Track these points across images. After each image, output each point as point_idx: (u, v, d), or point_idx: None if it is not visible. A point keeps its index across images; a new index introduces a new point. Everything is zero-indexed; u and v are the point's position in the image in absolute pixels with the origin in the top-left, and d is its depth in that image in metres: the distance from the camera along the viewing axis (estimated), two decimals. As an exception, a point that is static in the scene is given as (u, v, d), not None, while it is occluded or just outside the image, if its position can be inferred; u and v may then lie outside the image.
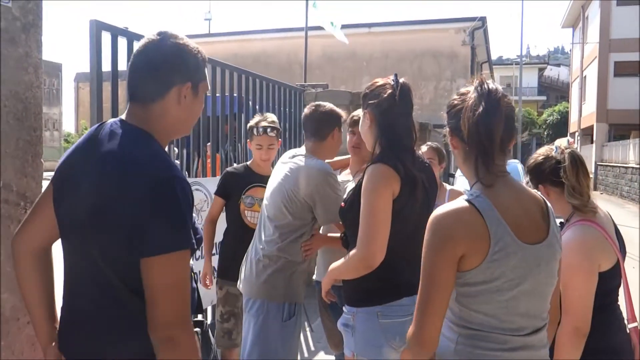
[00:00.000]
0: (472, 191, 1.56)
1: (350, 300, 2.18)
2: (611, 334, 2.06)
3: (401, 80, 2.14)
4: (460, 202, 1.52)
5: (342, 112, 2.82)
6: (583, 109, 31.14)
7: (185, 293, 1.38)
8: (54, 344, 1.56)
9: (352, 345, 2.14)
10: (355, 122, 2.87)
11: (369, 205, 1.98)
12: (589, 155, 27.73)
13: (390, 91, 2.11)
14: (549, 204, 1.66)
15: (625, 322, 2.12)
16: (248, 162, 3.55)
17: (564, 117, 38.77)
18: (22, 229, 1.58)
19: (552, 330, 1.77)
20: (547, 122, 40.83)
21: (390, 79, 2.16)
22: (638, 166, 19.72)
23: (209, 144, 4.51)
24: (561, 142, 2.23)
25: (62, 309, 1.55)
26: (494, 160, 1.55)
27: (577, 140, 31.97)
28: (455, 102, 1.65)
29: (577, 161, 2.09)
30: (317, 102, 2.85)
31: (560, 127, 39.10)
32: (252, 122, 3.41)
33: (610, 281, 2.04)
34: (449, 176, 11.54)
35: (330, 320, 3.10)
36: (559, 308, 1.76)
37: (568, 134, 35.22)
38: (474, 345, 1.53)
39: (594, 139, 27.51)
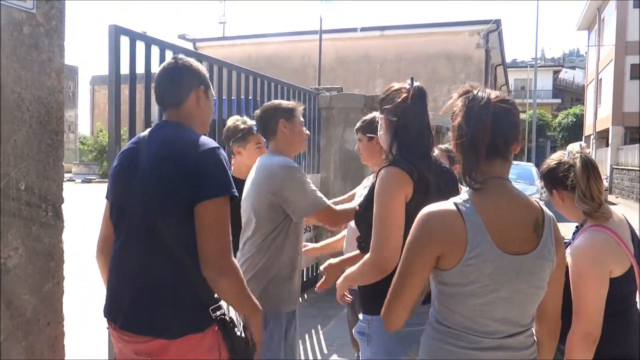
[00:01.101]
0: (463, 195, 1.60)
1: (366, 308, 2.16)
2: (625, 341, 2.04)
3: (417, 83, 2.11)
4: (448, 204, 1.57)
5: (289, 103, 2.80)
6: (598, 112, 30.86)
7: (228, 230, 1.78)
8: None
9: (368, 353, 2.11)
10: (357, 129, 2.94)
11: (381, 208, 1.96)
12: (605, 159, 27.46)
13: (404, 95, 2.08)
14: (548, 215, 1.64)
15: None
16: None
17: (579, 120, 38.44)
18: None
19: (552, 340, 1.74)
20: (562, 125, 40.51)
21: (406, 83, 2.13)
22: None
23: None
24: (573, 147, 2.22)
25: (120, 292, 1.83)
26: (478, 168, 1.57)
27: (593, 143, 31.66)
28: (449, 109, 1.69)
29: (588, 165, 2.07)
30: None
31: (575, 130, 38.76)
32: (243, 126, 3.22)
33: (623, 287, 2.02)
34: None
35: (356, 320, 3.09)
36: (560, 318, 1.73)
37: (583, 137, 34.89)
38: (445, 341, 1.60)
39: (610, 142, 27.24)
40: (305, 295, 5.97)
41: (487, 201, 1.56)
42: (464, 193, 1.61)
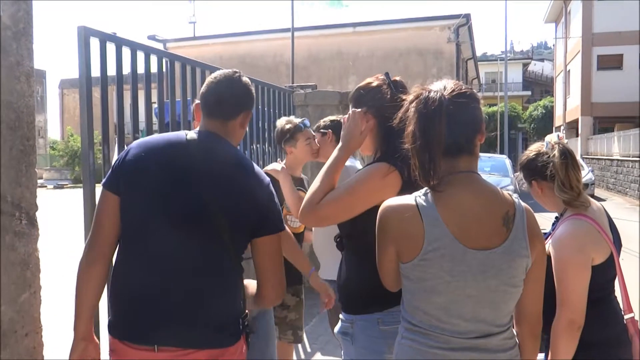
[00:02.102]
0: (423, 190, 1.57)
1: (348, 307, 2.09)
2: (607, 327, 2.07)
3: (398, 78, 2.08)
4: (407, 199, 1.56)
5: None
6: (567, 103, 31.45)
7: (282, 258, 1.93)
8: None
9: (352, 353, 2.05)
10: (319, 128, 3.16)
11: (349, 186, 1.91)
12: (575, 149, 27.96)
13: (390, 91, 2.02)
14: (520, 208, 1.57)
15: (622, 313, 2.14)
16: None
17: (549, 112, 39.10)
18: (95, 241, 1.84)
19: (535, 341, 1.66)
20: (533, 116, 41.15)
21: (382, 79, 2.08)
22: (623, 158, 19.94)
23: None
24: (551, 137, 2.22)
25: (138, 303, 1.77)
26: (437, 164, 1.51)
27: (563, 134, 32.18)
28: (404, 115, 1.65)
29: (567, 155, 2.09)
30: None
31: (545, 122, 39.40)
32: (288, 125, 3.38)
33: (604, 274, 2.05)
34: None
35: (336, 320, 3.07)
36: (541, 318, 1.67)
37: (554, 128, 35.50)
38: (414, 340, 1.55)
39: (579, 132, 27.78)
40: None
41: (449, 196, 1.52)
42: (425, 188, 1.57)
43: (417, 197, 1.54)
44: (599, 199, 15.20)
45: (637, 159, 18.15)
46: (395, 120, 1.73)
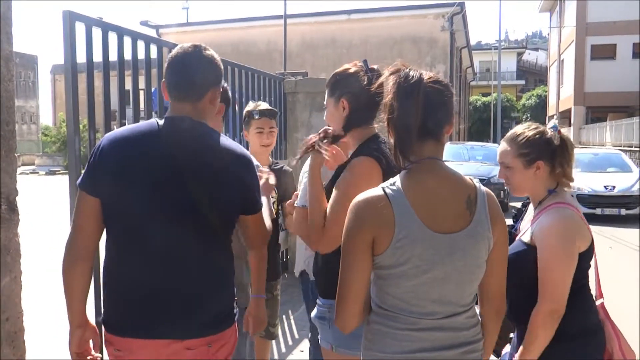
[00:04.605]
0: (393, 179, 1.57)
1: (325, 292, 2.11)
2: (586, 315, 2.08)
3: (376, 66, 2.07)
4: (376, 191, 1.55)
5: None
6: (561, 92, 31.52)
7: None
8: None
9: (330, 337, 2.08)
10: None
11: (343, 196, 1.88)
12: (568, 138, 28.07)
13: (367, 78, 2.03)
14: (481, 192, 1.60)
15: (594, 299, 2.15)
16: None
17: (543, 101, 39.20)
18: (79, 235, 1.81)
19: (498, 320, 1.71)
20: (526, 106, 41.23)
21: (360, 65, 2.09)
22: (615, 148, 20.02)
23: None
24: (553, 123, 2.20)
25: (159, 297, 1.75)
26: (411, 148, 1.54)
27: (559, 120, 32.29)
28: (381, 88, 1.64)
29: (566, 146, 2.10)
30: None
31: (538, 111, 39.51)
32: (248, 108, 3.30)
33: (586, 262, 2.05)
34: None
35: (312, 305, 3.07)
36: (505, 298, 1.70)
37: (547, 118, 35.57)
38: (382, 324, 1.58)
39: (572, 121, 27.87)
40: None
41: (416, 182, 1.54)
42: (394, 177, 1.58)
43: (384, 188, 1.54)
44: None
45: (629, 148, 18.23)
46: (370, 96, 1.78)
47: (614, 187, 11.55)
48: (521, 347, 1.97)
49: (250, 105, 3.33)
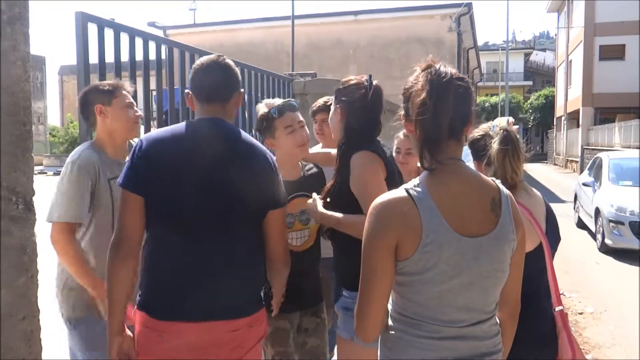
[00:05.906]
0: (415, 180, 1.52)
1: (351, 284, 2.11)
2: (539, 323, 2.03)
3: (375, 82, 2.23)
4: (399, 192, 1.49)
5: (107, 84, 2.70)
6: (569, 93, 31.35)
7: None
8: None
9: (352, 329, 2.11)
10: (314, 112, 3.21)
11: (371, 188, 2.02)
12: (576, 139, 27.96)
13: (362, 91, 2.21)
14: (505, 194, 1.56)
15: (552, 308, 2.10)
16: None
17: (550, 102, 39.01)
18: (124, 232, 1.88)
19: (513, 324, 1.68)
20: (533, 106, 41.05)
21: (364, 79, 2.25)
22: (624, 149, 19.89)
23: None
24: (501, 121, 2.15)
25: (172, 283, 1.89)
26: (440, 147, 1.49)
27: (564, 124, 32.17)
28: (408, 85, 1.58)
29: (508, 144, 2.02)
30: None
31: (546, 112, 39.34)
32: (261, 111, 2.61)
33: (532, 263, 1.92)
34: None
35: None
36: (519, 301, 1.67)
37: (554, 119, 35.42)
38: (404, 331, 1.53)
39: (580, 122, 27.71)
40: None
41: (440, 184, 1.48)
42: (415, 178, 1.54)
43: (408, 190, 1.49)
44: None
45: (638, 149, 18.12)
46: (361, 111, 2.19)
47: None
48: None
49: (262, 107, 2.65)
